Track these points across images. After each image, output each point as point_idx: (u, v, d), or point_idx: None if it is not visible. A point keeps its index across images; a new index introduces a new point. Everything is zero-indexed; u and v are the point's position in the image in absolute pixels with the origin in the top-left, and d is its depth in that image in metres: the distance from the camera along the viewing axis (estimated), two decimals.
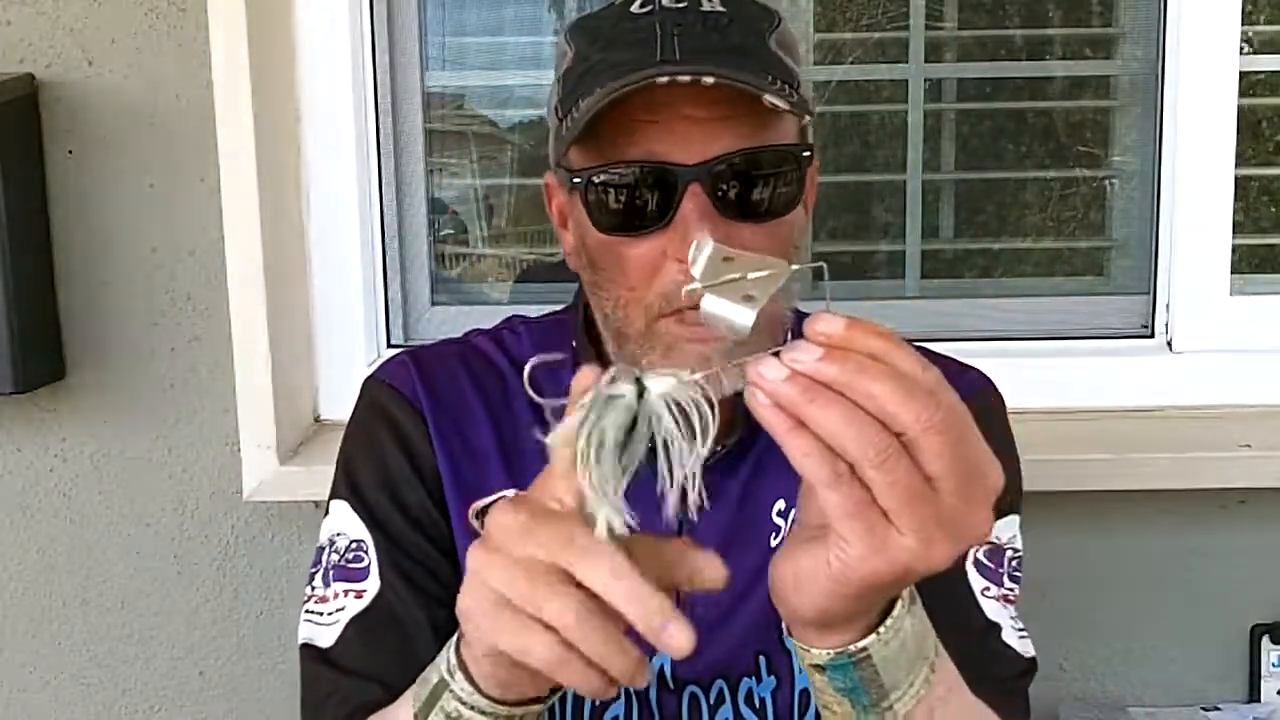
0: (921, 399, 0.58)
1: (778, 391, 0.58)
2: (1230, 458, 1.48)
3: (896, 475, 0.58)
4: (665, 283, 0.89)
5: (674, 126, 0.87)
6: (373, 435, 1.02)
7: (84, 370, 1.53)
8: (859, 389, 0.58)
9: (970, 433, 0.60)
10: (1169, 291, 1.62)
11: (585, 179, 0.90)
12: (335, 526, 1.00)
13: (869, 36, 1.67)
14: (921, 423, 0.58)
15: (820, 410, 0.58)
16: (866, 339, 0.59)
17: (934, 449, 0.58)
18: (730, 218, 0.88)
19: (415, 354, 1.06)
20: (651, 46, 0.88)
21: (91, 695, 1.59)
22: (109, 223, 1.50)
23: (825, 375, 0.58)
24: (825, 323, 0.59)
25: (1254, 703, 1.58)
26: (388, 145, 1.62)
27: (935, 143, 1.70)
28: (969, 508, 0.60)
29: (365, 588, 0.96)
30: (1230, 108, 1.57)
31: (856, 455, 0.58)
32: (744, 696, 0.98)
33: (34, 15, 1.46)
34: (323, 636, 0.96)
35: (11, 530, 1.56)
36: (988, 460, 0.61)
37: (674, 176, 0.87)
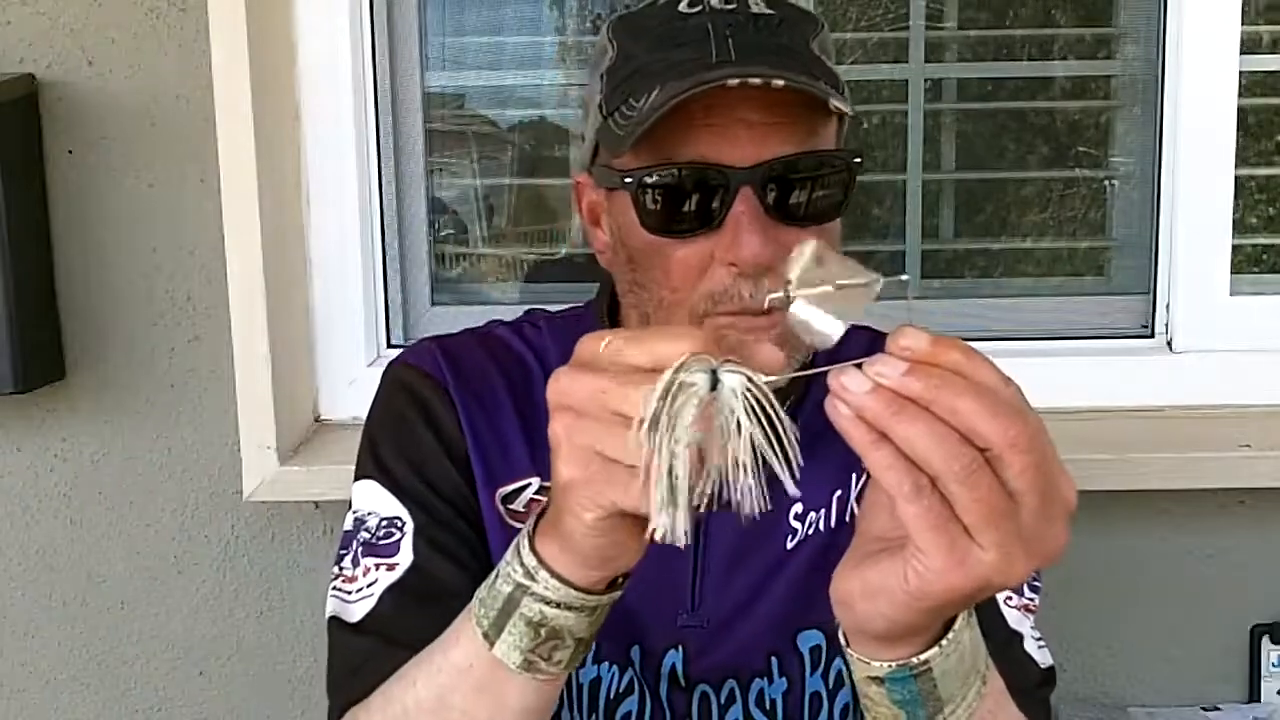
0: (1006, 415, 0.58)
1: (862, 404, 0.58)
2: (1230, 458, 1.48)
3: (980, 491, 0.58)
4: (713, 284, 0.89)
5: (730, 130, 0.87)
6: (402, 415, 1.01)
7: (84, 370, 1.53)
8: (944, 404, 0.58)
9: (1050, 450, 0.60)
10: (1169, 291, 1.62)
11: (637, 179, 0.89)
12: (366, 505, 0.99)
13: (869, 36, 1.67)
14: (1007, 439, 0.58)
15: (905, 424, 0.58)
16: (950, 353, 0.59)
17: (1018, 466, 0.58)
18: (779, 221, 0.88)
19: (440, 340, 1.06)
20: (706, 47, 0.88)
21: (91, 695, 1.59)
22: (109, 223, 1.50)
23: (910, 390, 0.58)
24: (909, 337, 0.60)
25: (1254, 703, 1.58)
26: (388, 145, 1.62)
27: (935, 143, 1.70)
28: (1048, 524, 0.60)
29: (397, 560, 0.95)
30: (1230, 108, 1.57)
31: (940, 469, 0.58)
32: (755, 697, 0.98)
33: (34, 15, 1.47)
34: (352, 611, 0.95)
35: (11, 530, 1.56)
36: (1065, 478, 0.61)
37: (726, 179, 0.87)
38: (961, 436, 0.58)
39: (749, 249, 0.86)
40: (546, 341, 1.05)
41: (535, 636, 0.71)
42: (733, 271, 0.88)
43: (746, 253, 0.86)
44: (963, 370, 0.59)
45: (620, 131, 0.89)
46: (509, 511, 0.99)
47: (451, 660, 0.76)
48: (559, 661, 0.72)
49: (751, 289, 0.88)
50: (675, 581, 0.98)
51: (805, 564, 0.98)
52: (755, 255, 0.86)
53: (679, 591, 0.98)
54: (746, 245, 0.86)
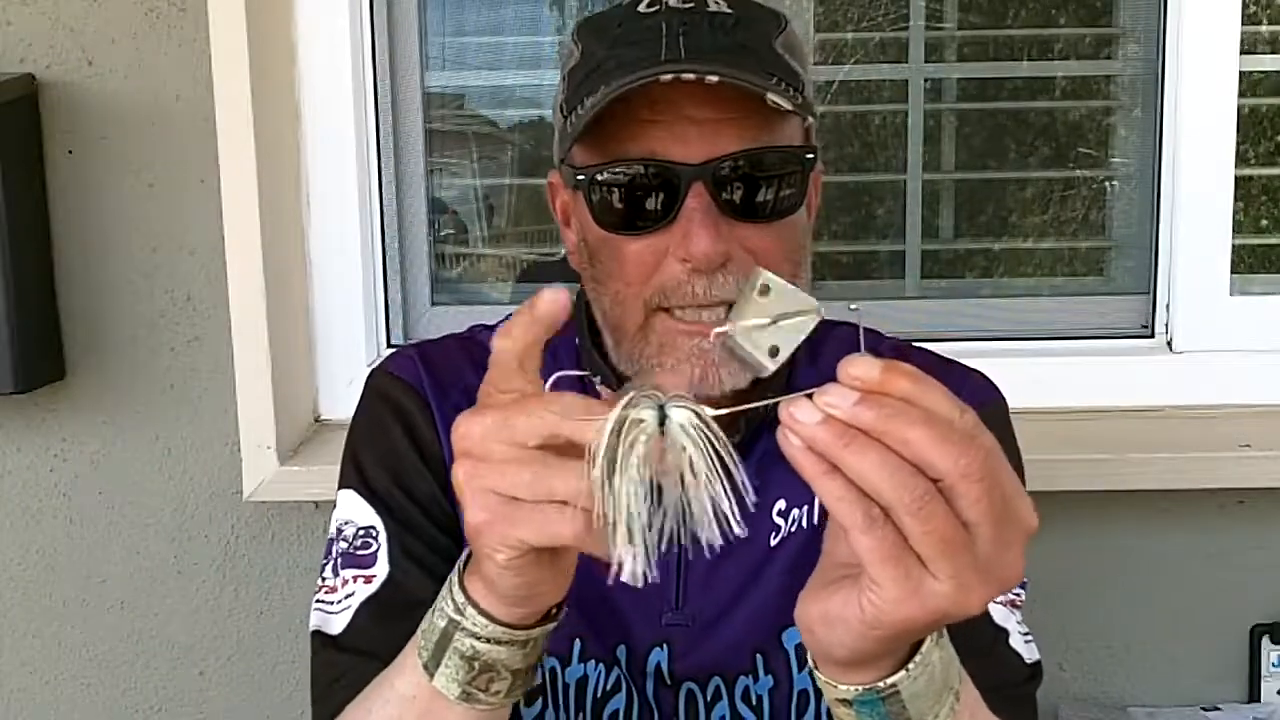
0: (958, 444, 0.57)
1: (813, 436, 0.58)
2: (1230, 458, 1.48)
3: (933, 523, 0.57)
4: (664, 277, 0.90)
5: (677, 127, 0.88)
6: (379, 424, 1.02)
7: (84, 370, 1.53)
8: (895, 434, 0.57)
9: (1005, 475, 0.59)
10: (1169, 291, 1.62)
11: (589, 176, 0.91)
12: (344, 515, 1.00)
13: (869, 36, 1.67)
14: (959, 469, 0.57)
15: (856, 456, 0.57)
16: (901, 382, 0.58)
17: (971, 495, 0.57)
18: (732, 217, 0.89)
19: (420, 346, 1.07)
20: (656, 46, 0.89)
21: (91, 695, 1.59)
22: (109, 223, 1.50)
23: (861, 420, 0.57)
24: (860, 366, 0.58)
25: (1254, 703, 1.58)
26: (388, 145, 1.62)
27: (935, 143, 1.70)
28: (1004, 552, 0.59)
29: (374, 572, 0.96)
30: (1230, 108, 1.57)
31: (892, 501, 0.57)
32: (740, 694, 0.98)
33: (34, 15, 1.46)
34: (332, 624, 0.96)
35: (11, 530, 1.56)
36: (1022, 501, 0.61)
37: (677, 176, 0.88)
38: (914, 467, 0.57)
39: (700, 244, 0.87)
40: None
41: (470, 669, 0.72)
42: (686, 266, 0.88)
43: (697, 248, 0.87)
44: (914, 399, 0.58)
45: (572, 129, 0.91)
46: None
47: (398, 690, 0.77)
48: (497, 692, 0.73)
49: (705, 284, 0.89)
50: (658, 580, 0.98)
51: (789, 561, 0.98)
52: (706, 251, 0.87)
53: (663, 589, 0.98)
54: (697, 241, 0.87)
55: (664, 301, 0.91)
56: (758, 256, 0.90)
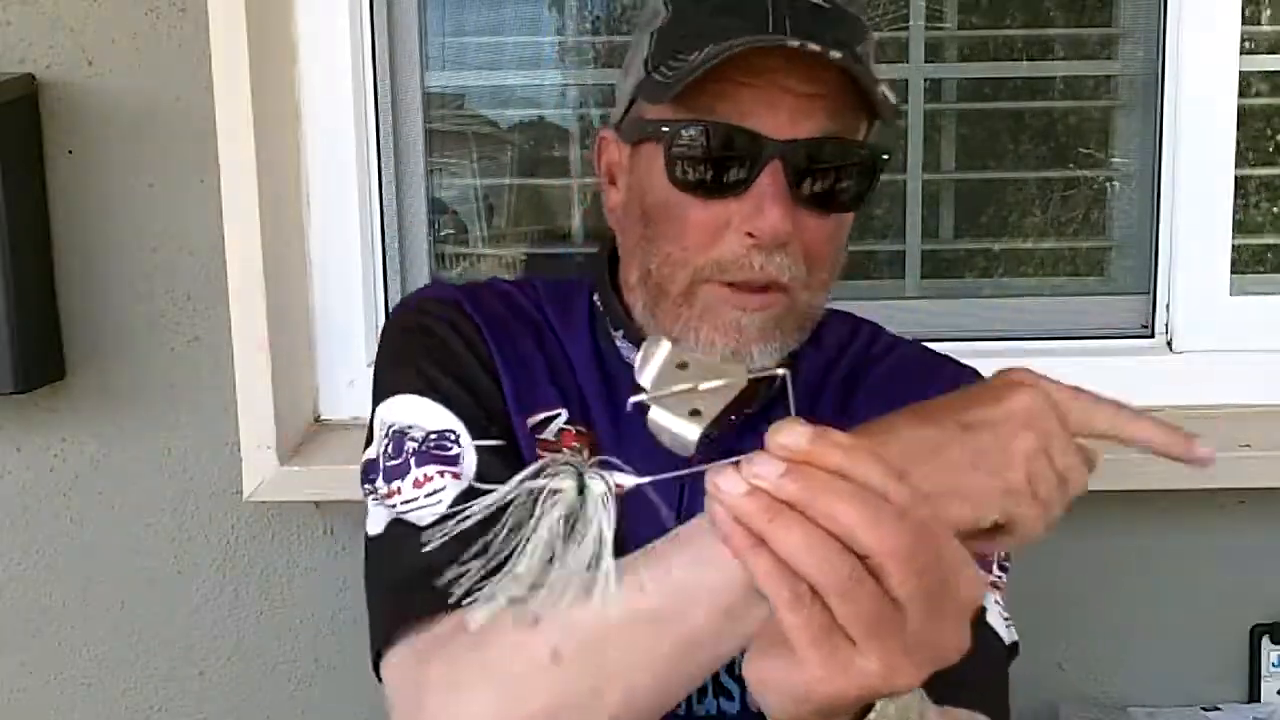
0: (888, 522, 0.55)
1: (737, 507, 0.55)
2: (1230, 458, 1.48)
3: (859, 604, 0.55)
4: (723, 250, 0.90)
5: (772, 96, 0.87)
6: (434, 334, 0.99)
7: (84, 370, 1.53)
8: (821, 510, 0.55)
9: (945, 549, 0.58)
10: (1169, 291, 1.62)
11: (674, 129, 0.89)
12: (404, 419, 0.94)
13: None
14: (887, 548, 0.55)
15: (781, 532, 0.55)
16: (831, 455, 0.55)
17: (900, 575, 0.55)
18: (799, 203, 0.89)
19: (455, 285, 1.07)
20: (763, 19, 0.88)
21: (91, 695, 1.59)
22: (109, 223, 1.50)
23: (786, 493, 0.55)
24: (787, 434, 0.55)
25: (1254, 703, 1.58)
26: (388, 145, 1.62)
27: (935, 143, 1.70)
28: (939, 628, 0.57)
29: (460, 469, 0.91)
30: (1230, 108, 1.57)
31: (818, 580, 0.55)
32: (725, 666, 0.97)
33: (34, 15, 1.46)
34: (422, 516, 0.89)
35: (11, 530, 1.56)
36: (962, 576, 0.59)
37: (760, 147, 0.87)
38: (841, 544, 0.55)
39: (770, 221, 0.87)
40: (542, 299, 1.06)
41: None
42: (748, 242, 0.88)
43: (767, 225, 0.87)
44: (844, 470, 0.55)
45: (665, 80, 0.89)
46: (539, 441, 0.97)
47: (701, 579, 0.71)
48: None
49: (763, 261, 0.88)
50: None
51: None
52: (775, 228, 0.87)
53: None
54: (769, 217, 0.87)
55: (717, 275, 0.90)
56: (810, 246, 0.90)
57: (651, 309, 0.95)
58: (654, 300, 0.95)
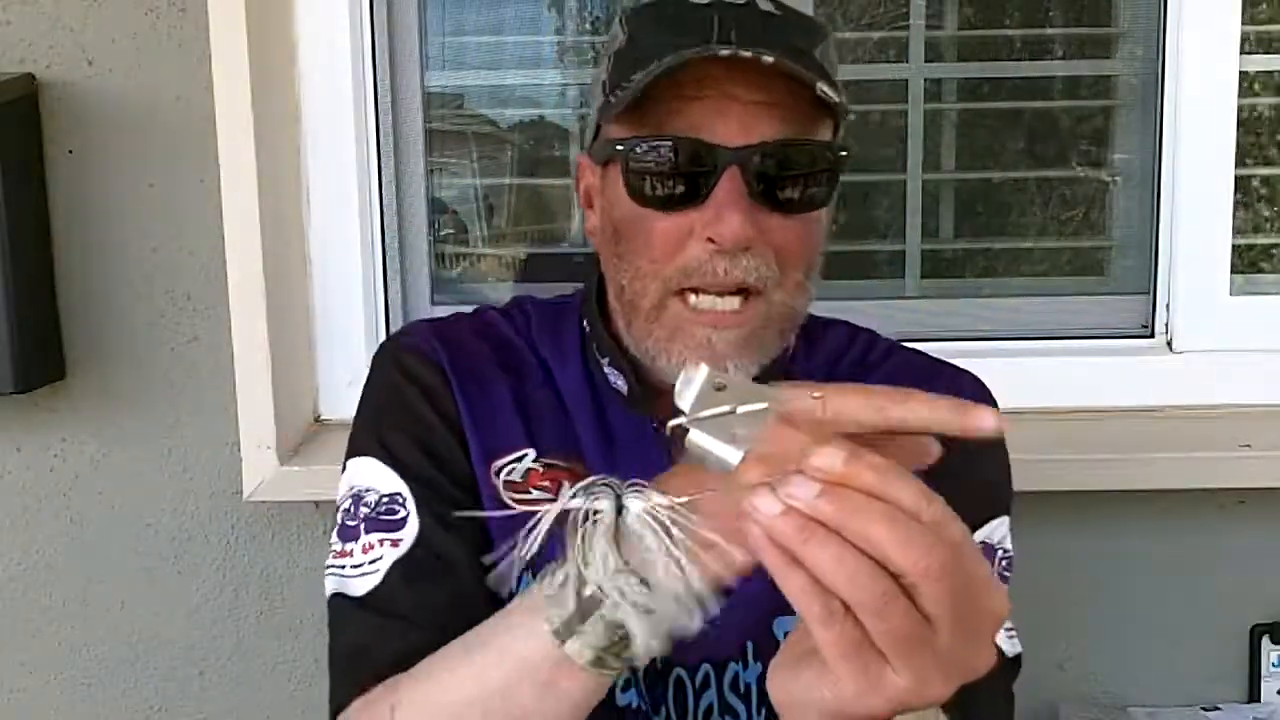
0: (920, 543, 0.56)
1: (773, 527, 0.57)
2: (1230, 458, 1.48)
3: (892, 621, 0.57)
4: (687, 257, 0.91)
5: (720, 105, 0.89)
6: (398, 393, 1.02)
7: (84, 370, 1.53)
8: (855, 530, 0.56)
9: (975, 568, 0.59)
10: (1169, 291, 1.62)
11: (628, 147, 0.91)
12: (363, 482, 0.99)
13: (869, 36, 1.67)
14: (920, 569, 0.56)
15: (815, 551, 0.56)
16: (865, 475, 0.57)
17: (933, 594, 0.57)
18: (761, 206, 0.90)
19: (432, 321, 1.08)
20: (709, 32, 0.90)
21: (91, 695, 1.59)
22: (109, 223, 1.50)
23: (821, 513, 0.56)
24: (823, 456, 0.57)
25: (1254, 703, 1.58)
26: (388, 145, 1.62)
27: (935, 143, 1.70)
28: (969, 645, 0.59)
29: (402, 536, 0.95)
30: (1230, 108, 1.57)
31: (851, 599, 0.57)
32: (729, 682, 0.97)
33: (34, 15, 1.46)
34: (355, 586, 0.95)
35: (11, 530, 1.56)
36: (992, 593, 0.60)
37: (714, 156, 0.89)
38: (875, 564, 0.56)
39: (730, 226, 0.88)
40: (533, 327, 1.07)
41: (611, 636, 0.71)
42: (710, 247, 0.89)
43: (727, 229, 0.88)
44: (878, 491, 0.57)
45: (615, 101, 0.92)
46: (506, 484, 0.99)
47: (515, 653, 0.76)
48: (627, 658, 0.73)
49: (727, 265, 0.89)
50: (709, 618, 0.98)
51: None
52: (735, 233, 0.88)
53: None
54: (728, 222, 0.88)
55: (684, 282, 0.91)
56: (779, 248, 0.91)
57: (628, 327, 0.97)
58: (629, 318, 0.96)
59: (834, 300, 1.63)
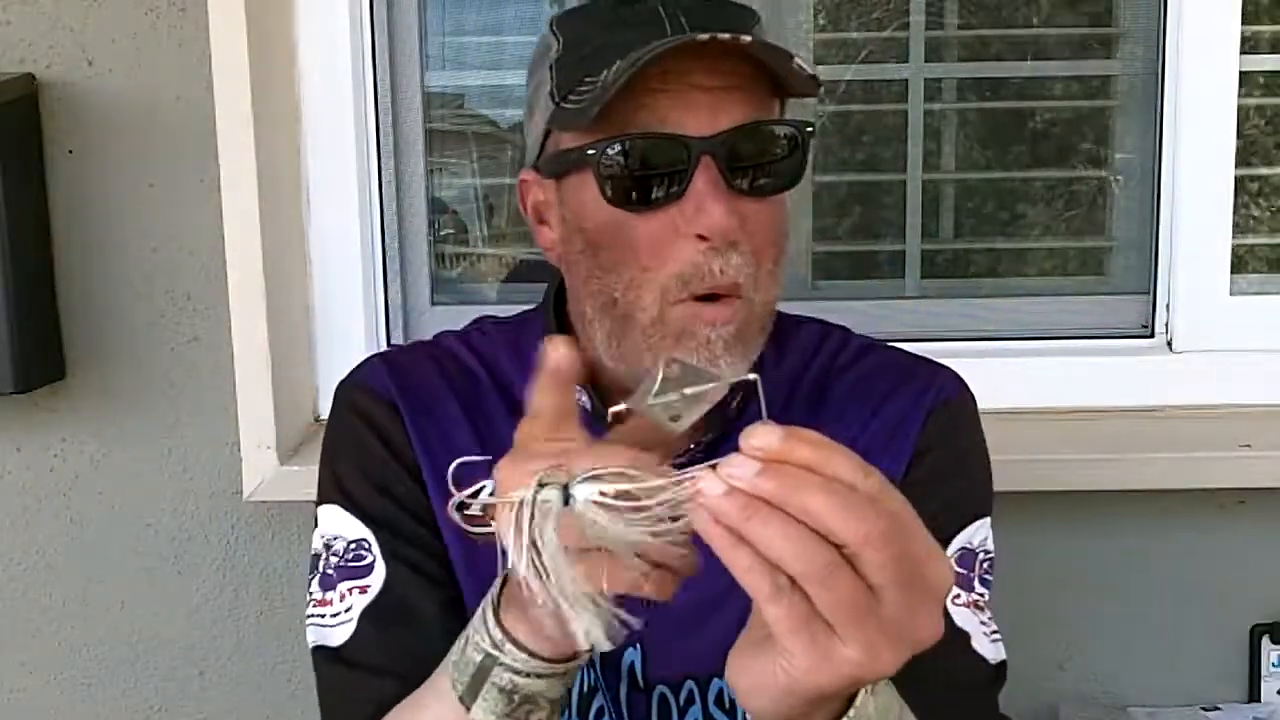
0: (859, 512, 0.57)
1: (717, 507, 0.57)
2: (1230, 458, 1.48)
3: (838, 592, 0.57)
4: (681, 262, 0.89)
5: (685, 96, 0.87)
6: (352, 435, 1.02)
7: (84, 370, 1.53)
8: (795, 504, 0.57)
9: (915, 536, 0.59)
10: (1169, 291, 1.62)
11: (599, 150, 0.88)
12: (330, 530, 0.99)
13: (869, 36, 1.67)
14: (860, 537, 0.57)
15: (758, 527, 0.57)
16: (802, 450, 0.58)
17: (875, 561, 0.57)
18: (739, 192, 0.88)
19: (385, 354, 1.07)
20: (659, 24, 0.88)
21: (91, 695, 1.59)
22: (109, 223, 1.50)
23: (762, 490, 0.57)
24: (760, 436, 0.58)
25: (1254, 703, 1.58)
26: (388, 145, 1.62)
27: (935, 143, 1.70)
28: (914, 613, 0.59)
29: (370, 582, 0.96)
30: (1230, 108, 1.57)
31: (797, 571, 0.57)
32: (714, 697, 0.97)
33: (34, 15, 1.46)
34: (332, 636, 0.96)
35: (11, 530, 1.56)
36: (935, 562, 0.60)
37: (687, 148, 0.87)
38: (818, 536, 0.57)
39: (714, 217, 0.86)
40: (495, 348, 1.05)
41: (510, 702, 0.72)
42: (700, 246, 0.88)
43: (712, 221, 0.86)
44: (816, 466, 0.58)
45: (579, 104, 0.89)
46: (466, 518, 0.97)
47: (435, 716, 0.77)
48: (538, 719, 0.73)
49: (721, 264, 0.88)
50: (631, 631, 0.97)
51: None
52: (721, 223, 0.86)
53: None
54: (712, 213, 0.86)
55: (683, 291, 0.89)
56: (754, 236, 0.90)
57: (618, 339, 0.93)
58: (621, 329, 0.93)
59: (834, 300, 1.64)
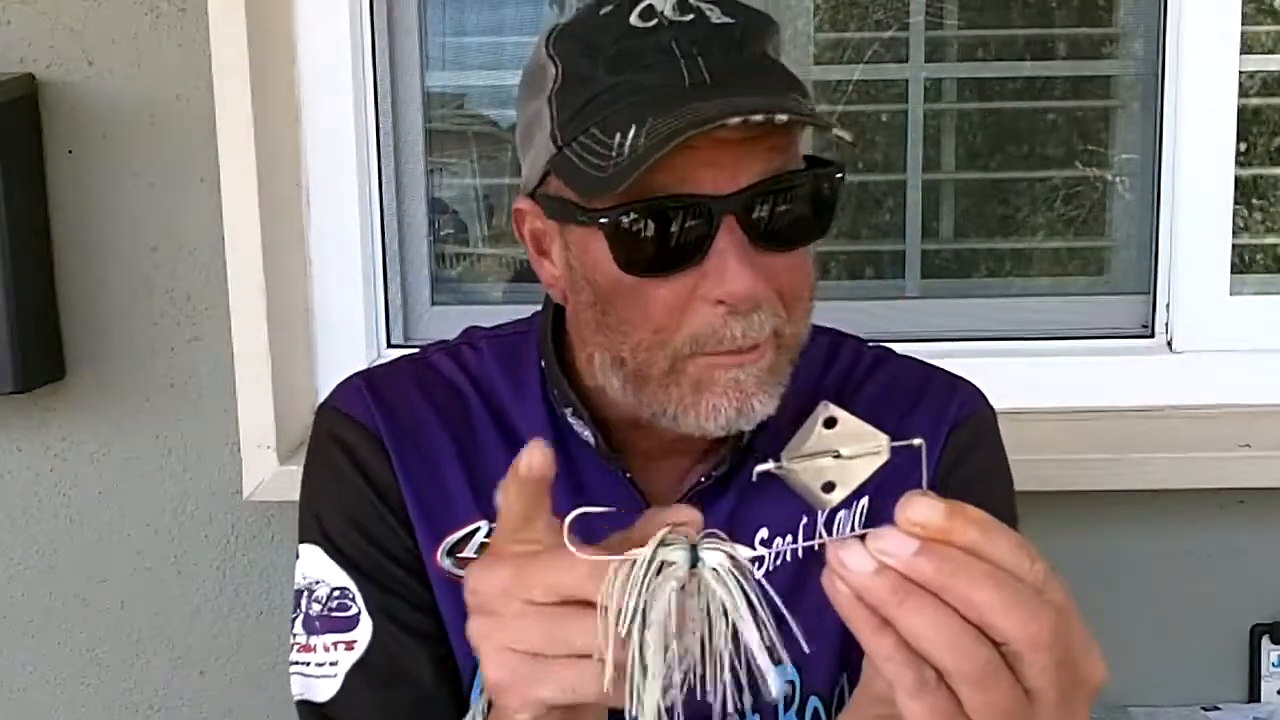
0: (1027, 607, 0.52)
1: (864, 586, 0.52)
2: (1230, 458, 1.48)
3: (993, 694, 0.52)
4: (697, 324, 0.82)
5: (709, 154, 0.79)
6: (333, 469, 0.96)
7: (84, 370, 1.53)
8: (958, 594, 0.51)
9: (1075, 632, 0.54)
10: (1169, 291, 1.61)
11: (613, 219, 0.81)
12: (312, 573, 0.95)
13: (869, 36, 1.67)
14: (1027, 636, 0.51)
15: (912, 615, 0.51)
16: (968, 532, 0.52)
17: (1039, 664, 0.52)
18: (763, 249, 0.82)
19: (369, 377, 1.00)
20: (675, 70, 0.81)
21: (91, 695, 1.59)
22: (109, 223, 1.50)
23: (919, 573, 0.51)
24: (921, 509, 0.52)
25: (1254, 703, 1.58)
26: (388, 145, 1.62)
27: (935, 143, 1.70)
28: (1067, 715, 0.54)
29: (356, 637, 0.92)
30: (1230, 108, 1.57)
31: (950, 668, 0.51)
32: None
33: (34, 15, 1.46)
34: (318, 690, 0.93)
35: (11, 530, 1.56)
36: (1090, 658, 0.55)
37: (709, 209, 0.80)
38: (977, 631, 0.51)
39: (740, 283, 0.79)
40: (487, 367, 0.98)
41: None
42: (720, 310, 0.81)
43: (738, 287, 0.79)
44: (980, 550, 0.52)
45: (597, 172, 0.81)
46: (457, 561, 0.93)
47: None
48: None
49: (743, 327, 0.81)
50: None
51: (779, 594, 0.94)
52: (748, 289, 0.80)
53: None
54: (736, 279, 0.79)
55: (696, 349, 0.83)
56: (785, 290, 0.84)
57: (635, 393, 0.87)
58: (636, 385, 0.87)
59: (834, 300, 1.63)
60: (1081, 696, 0.55)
